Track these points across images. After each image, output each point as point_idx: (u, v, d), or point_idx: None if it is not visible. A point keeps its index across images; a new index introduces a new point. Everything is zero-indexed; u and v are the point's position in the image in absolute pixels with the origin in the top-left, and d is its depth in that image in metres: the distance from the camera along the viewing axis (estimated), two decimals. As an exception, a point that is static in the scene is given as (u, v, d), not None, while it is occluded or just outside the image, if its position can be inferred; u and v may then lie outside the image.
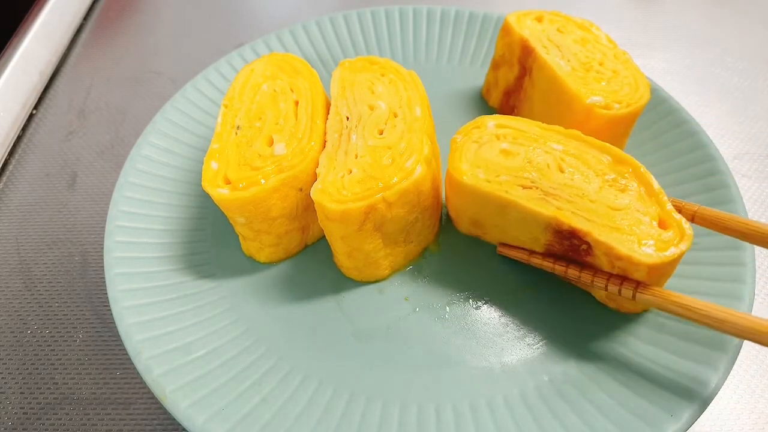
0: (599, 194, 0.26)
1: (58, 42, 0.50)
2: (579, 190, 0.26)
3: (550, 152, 0.28)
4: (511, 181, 0.27)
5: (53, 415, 0.29)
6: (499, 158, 0.28)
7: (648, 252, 0.24)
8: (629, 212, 0.25)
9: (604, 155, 0.27)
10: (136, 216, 0.32)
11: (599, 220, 0.25)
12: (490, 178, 0.27)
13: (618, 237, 0.24)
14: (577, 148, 0.28)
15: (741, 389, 0.30)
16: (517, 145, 0.28)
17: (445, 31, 0.44)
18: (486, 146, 0.28)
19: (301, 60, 0.34)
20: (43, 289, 0.34)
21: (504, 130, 0.29)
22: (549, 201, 0.26)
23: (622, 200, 0.26)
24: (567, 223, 0.25)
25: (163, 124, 0.36)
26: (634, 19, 0.54)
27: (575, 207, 0.26)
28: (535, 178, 0.27)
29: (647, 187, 0.26)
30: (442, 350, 0.28)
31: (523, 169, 0.27)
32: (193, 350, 0.27)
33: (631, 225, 0.25)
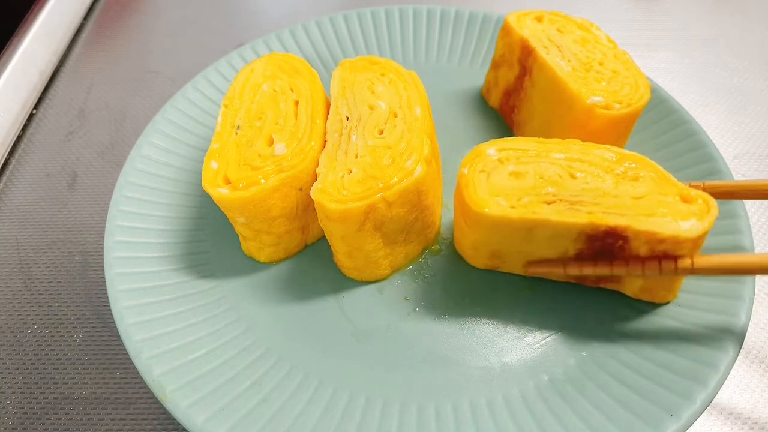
0: (618, 188, 0.26)
1: (58, 42, 0.50)
2: (598, 190, 0.26)
3: (556, 163, 0.27)
4: (534, 200, 0.26)
5: (53, 414, 0.29)
6: (512, 181, 0.27)
7: (688, 226, 0.24)
8: (652, 197, 0.25)
9: (606, 152, 0.28)
10: (136, 216, 0.32)
11: (631, 211, 0.25)
12: (514, 204, 0.26)
13: (656, 221, 0.24)
14: (579, 153, 0.28)
15: (741, 389, 0.30)
16: (522, 164, 0.27)
17: (445, 31, 0.44)
18: (494, 172, 0.27)
19: (301, 60, 0.34)
20: (43, 288, 0.34)
21: (504, 153, 0.28)
22: (577, 209, 0.25)
23: (641, 188, 0.26)
24: (604, 225, 0.25)
25: (163, 124, 0.36)
26: (634, 19, 0.54)
27: (604, 207, 0.25)
28: (554, 192, 0.26)
29: (656, 172, 0.27)
30: (442, 350, 0.28)
31: (538, 186, 0.27)
32: (193, 350, 0.27)
33: (660, 207, 0.25)
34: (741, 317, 0.27)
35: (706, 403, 0.24)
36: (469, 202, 0.27)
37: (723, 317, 0.27)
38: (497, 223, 0.26)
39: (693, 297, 0.28)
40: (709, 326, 0.27)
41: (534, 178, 0.27)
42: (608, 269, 0.26)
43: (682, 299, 0.29)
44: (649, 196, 0.26)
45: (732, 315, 0.27)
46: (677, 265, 0.25)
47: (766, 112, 0.45)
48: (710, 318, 0.27)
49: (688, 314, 0.28)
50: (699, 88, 0.47)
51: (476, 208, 0.26)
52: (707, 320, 0.27)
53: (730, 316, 0.27)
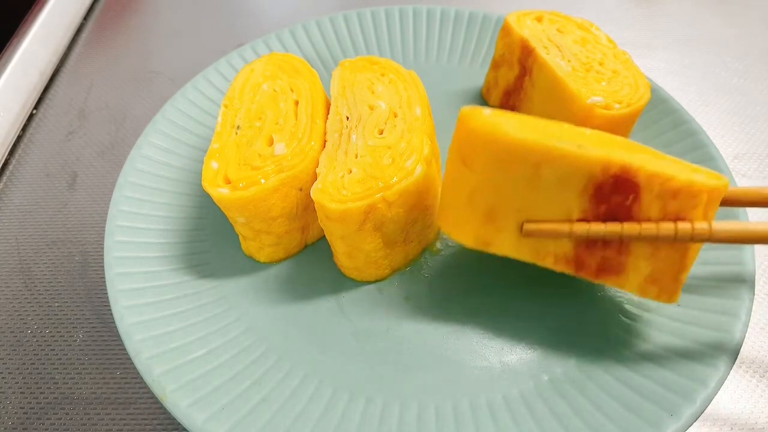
0: (628, 144, 0.25)
1: (58, 42, 0.50)
2: (607, 137, 0.25)
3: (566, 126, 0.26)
4: (546, 136, 0.23)
5: (53, 414, 0.29)
6: (521, 119, 0.25)
7: (703, 178, 0.23)
8: (676, 163, 0.24)
9: None
10: (136, 216, 0.32)
11: (642, 154, 0.23)
12: (530, 133, 0.23)
13: (669, 165, 0.23)
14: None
15: (741, 389, 0.30)
16: (528, 120, 0.25)
17: (445, 31, 0.44)
18: (504, 115, 0.25)
19: (301, 60, 0.34)
20: (43, 288, 0.34)
21: (500, 113, 0.25)
22: (588, 148, 0.23)
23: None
24: (617, 162, 0.23)
25: (163, 123, 0.36)
26: (634, 19, 0.54)
27: (615, 149, 0.23)
28: (564, 135, 0.24)
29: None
30: (441, 350, 0.28)
31: (549, 128, 0.25)
32: (193, 350, 0.27)
33: (674, 160, 0.24)
34: (741, 317, 0.27)
35: (706, 403, 0.24)
36: (475, 126, 0.24)
37: (723, 317, 0.27)
38: (507, 149, 0.23)
39: (693, 297, 0.28)
40: (710, 326, 0.27)
41: (541, 125, 0.25)
42: (618, 228, 0.23)
43: (682, 299, 0.29)
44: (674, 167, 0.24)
45: (732, 315, 0.27)
46: (694, 228, 0.22)
47: (766, 112, 0.45)
48: (710, 318, 0.27)
49: (688, 314, 0.28)
50: (699, 88, 0.47)
51: (486, 126, 0.23)
52: (707, 320, 0.27)
53: (731, 316, 0.27)
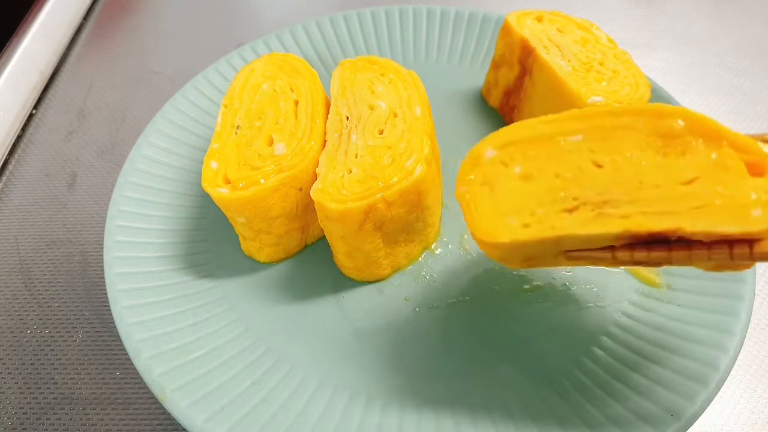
0: (660, 173, 0.19)
1: (58, 42, 0.50)
2: (634, 180, 0.19)
3: (574, 149, 0.21)
4: (551, 210, 0.20)
5: (53, 415, 0.29)
6: (522, 188, 0.21)
7: (759, 215, 0.18)
8: (708, 177, 0.19)
9: (635, 118, 0.20)
10: (135, 216, 0.32)
11: (680, 206, 0.19)
12: (527, 221, 0.20)
13: (715, 215, 0.18)
14: (601, 128, 0.21)
15: (741, 389, 0.30)
16: (531, 161, 0.21)
17: (445, 31, 0.44)
18: (499, 181, 0.21)
19: (301, 60, 0.34)
20: (43, 288, 0.34)
21: (508, 150, 0.22)
22: (608, 212, 0.19)
23: (690, 166, 0.19)
24: (645, 230, 0.19)
25: (163, 124, 0.36)
26: (634, 19, 0.54)
27: (643, 205, 0.19)
28: (576, 193, 0.20)
29: (708, 133, 0.19)
30: (441, 350, 0.28)
31: (555, 188, 0.20)
32: (193, 350, 0.27)
33: (720, 192, 0.18)
34: (741, 317, 0.27)
35: (706, 403, 0.24)
36: (474, 232, 0.21)
37: (723, 317, 0.27)
38: (511, 247, 0.21)
39: (693, 297, 0.28)
40: (710, 326, 0.27)
41: (549, 177, 0.21)
42: (666, 254, 0.20)
43: (682, 299, 0.29)
44: (704, 177, 0.19)
45: (732, 315, 0.27)
46: (753, 250, 0.18)
47: (766, 112, 0.45)
48: (710, 318, 0.27)
49: (689, 314, 0.28)
50: (699, 88, 0.47)
51: (485, 237, 0.21)
52: (707, 320, 0.27)
53: (731, 316, 0.27)
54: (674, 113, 0.20)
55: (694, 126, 0.19)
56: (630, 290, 0.30)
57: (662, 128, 0.20)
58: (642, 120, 0.20)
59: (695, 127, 0.19)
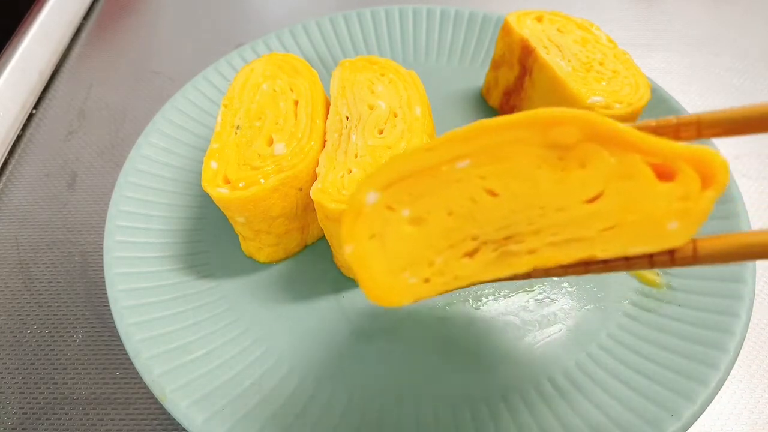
0: (562, 193, 0.17)
1: (57, 42, 0.50)
2: (535, 206, 0.17)
3: (463, 179, 0.17)
4: (451, 257, 0.17)
5: (53, 414, 0.29)
6: (414, 235, 0.18)
7: (675, 228, 0.15)
8: (614, 190, 0.16)
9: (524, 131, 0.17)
10: (135, 216, 0.32)
11: (589, 230, 0.16)
12: (426, 274, 0.18)
13: (628, 236, 0.16)
14: (488, 148, 0.17)
15: (741, 389, 0.30)
16: (420, 200, 0.18)
17: (445, 31, 0.44)
18: (388, 232, 0.18)
19: (301, 60, 0.34)
20: (43, 288, 0.34)
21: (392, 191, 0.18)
22: (512, 250, 0.17)
23: (593, 180, 0.16)
24: (555, 264, 0.17)
25: (163, 124, 0.36)
26: (634, 19, 0.54)
27: (549, 234, 0.17)
28: (473, 232, 0.17)
29: (607, 138, 0.16)
30: (441, 350, 0.28)
31: (450, 229, 0.17)
32: (193, 350, 0.27)
33: (629, 207, 0.16)
34: (741, 317, 0.27)
35: (706, 403, 0.24)
36: (370, 297, 0.18)
37: (723, 317, 0.27)
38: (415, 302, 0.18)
39: (693, 297, 0.28)
40: (710, 326, 0.27)
41: (441, 217, 0.17)
42: (583, 268, 0.18)
43: (682, 299, 0.29)
44: (609, 190, 0.16)
45: (732, 315, 0.27)
46: (674, 257, 0.16)
47: (766, 112, 0.45)
48: (710, 318, 0.27)
49: (689, 314, 0.28)
50: (699, 88, 0.47)
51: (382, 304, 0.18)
52: (707, 320, 0.27)
53: (730, 316, 0.27)
54: (564, 119, 0.16)
55: (590, 131, 0.16)
56: (630, 290, 0.30)
57: (555, 138, 0.17)
58: (531, 132, 0.17)
59: (591, 132, 0.16)
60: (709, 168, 0.16)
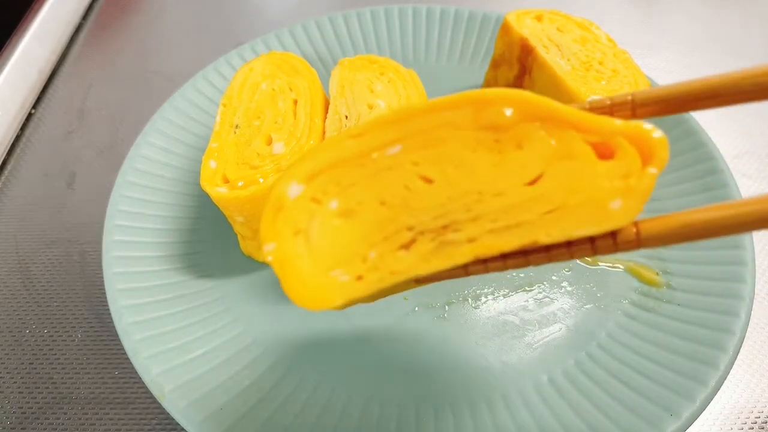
0: (500, 177, 0.16)
1: (57, 41, 0.50)
2: (472, 191, 0.16)
3: (394, 166, 0.16)
4: (386, 251, 0.16)
5: (52, 414, 0.29)
6: (344, 228, 0.16)
7: (618, 207, 0.15)
8: (554, 171, 0.15)
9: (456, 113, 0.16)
10: (134, 215, 0.32)
11: (529, 213, 0.15)
12: (359, 271, 0.16)
13: (570, 218, 0.15)
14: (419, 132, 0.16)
15: (741, 388, 0.30)
16: (349, 190, 0.16)
17: (445, 30, 0.44)
18: (315, 227, 0.16)
19: (300, 59, 0.34)
20: (42, 288, 0.34)
21: (318, 182, 0.16)
22: (450, 239, 0.16)
23: (532, 162, 0.16)
24: (497, 252, 0.16)
25: (162, 123, 0.36)
26: (634, 19, 0.54)
27: (488, 221, 0.16)
28: (408, 222, 0.16)
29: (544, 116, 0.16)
30: (441, 350, 0.28)
31: (384, 220, 0.16)
32: (192, 350, 0.27)
33: (570, 187, 0.15)
34: (741, 316, 0.27)
35: (706, 403, 0.24)
36: (297, 301, 0.16)
37: (723, 317, 0.27)
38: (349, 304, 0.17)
39: (693, 296, 0.28)
40: (710, 325, 0.27)
41: (373, 207, 0.16)
42: (523, 260, 0.16)
43: (682, 299, 0.29)
44: (549, 172, 0.15)
45: (732, 314, 0.27)
46: (617, 241, 0.15)
47: (766, 112, 0.45)
48: (710, 317, 0.27)
49: (688, 314, 0.28)
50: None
51: (310, 307, 0.16)
52: (707, 319, 0.27)
53: (730, 316, 0.27)
54: (498, 98, 0.16)
55: (525, 110, 0.16)
56: (630, 290, 0.30)
57: (490, 119, 0.16)
58: (464, 114, 0.16)
59: (527, 111, 0.16)
60: (647, 144, 0.15)
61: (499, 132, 0.16)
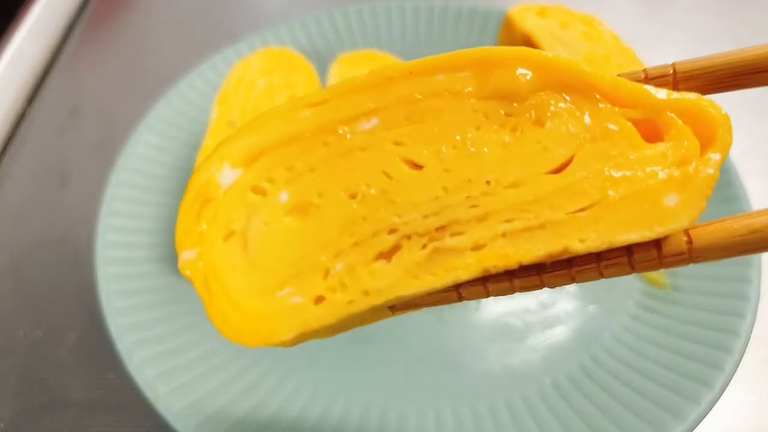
0: (514, 161, 0.12)
1: (50, 38, 0.50)
2: (478, 180, 0.12)
3: (370, 146, 0.12)
4: (358, 260, 0.12)
5: (46, 417, 0.28)
6: (298, 230, 0.12)
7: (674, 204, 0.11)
8: (587, 154, 0.11)
9: (455, 75, 0.12)
10: (128, 215, 0.31)
11: (556, 211, 0.12)
12: (318, 290, 0.12)
13: (612, 217, 0.11)
14: (405, 101, 0.12)
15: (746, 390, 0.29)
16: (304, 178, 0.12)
17: (445, 26, 0.43)
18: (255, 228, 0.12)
19: (298, 55, 0.33)
20: (34, 289, 0.34)
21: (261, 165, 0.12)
22: (449, 245, 0.12)
23: (557, 142, 0.12)
24: (514, 263, 0.12)
25: (157, 121, 0.36)
26: (638, 15, 0.54)
27: (500, 221, 0.12)
28: (391, 222, 0.12)
29: (572, 84, 0.12)
30: (441, 353, 0.28)
31: (355, 220, 0.12)
32: (187, 352, 0.26)
33: (610, 176, 0.11)
34: (746, 318, 0.26)
35: (711, 405, 0.24)
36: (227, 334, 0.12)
37: (728, 318, 0.26)
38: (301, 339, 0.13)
39: (698, 298, 0.28)
40: (715, 327, 0.26)
41: (339, 201, 0.12)
42: (536, 280, 0.12)
43: (687, 300, 0.28)
44: (581, 155, 0.11)
45: (737, 316, 0.26)
46: (663, 253, 0.12)
47: (770, 109, 0.44)
48: (715, 319, 0.27)
49: (694, 315, 0.27)
50: (703, 84, 0.47)
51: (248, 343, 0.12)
52: (712, 321, 0.27)
53: (736, 317, 0.26)
54: (511, 58, 0.12)
55: (548, 75, 0.12)
56: (634, 291, 0.29)
57: (500, 86, 0.12)
58: (466, 77, 0.12)
59: (550, 77, 0.12)
60: (706, 122, 0.11)
61: (511, 102, 0.12)
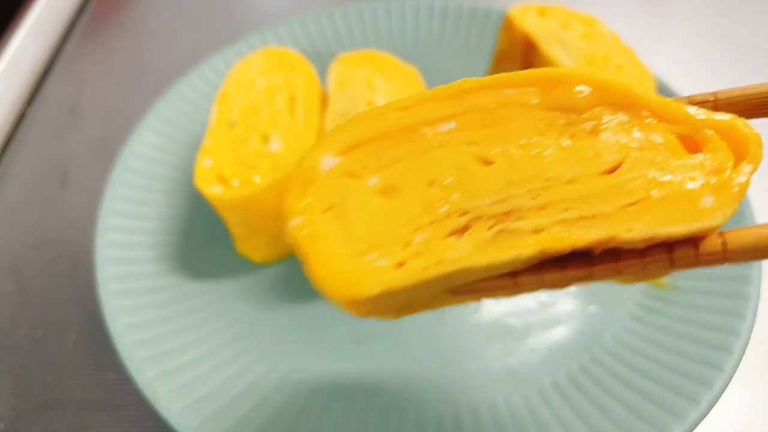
0: (572, 163, 0.14)
1: (50, 38, 0.50)
2: (539, 177, 0.14)
3: (448, 144, 0.15)
4: (434, 236, 0.14)
5: (45, 417, 0.28)
6: (385, 208, 0.14)
7: (710, 205, 0.13)
8: (635, 161, 0.14)
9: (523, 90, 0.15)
10: (128, 215, 0.31)
11: (607, 205, 0.14)
12: (400, 256, 0.14)
13: (655, 213, 0.13)
14: (479, 109, 0.15)
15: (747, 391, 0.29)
16: (392, 166, 0.15)
17: (446, 25, 0.43)
18: (350, 204, 0.14)
19: (297, 55, 0.33)
20: (34, 289, 0.34)
21: (355, 155, 0.15)
22: (512, 228, 0.14)
23: (609, 149, 0.14)
24: (568, 246, 0.14)
25: (157, 121, 0.36)
26: (638, 15, 0.54)
27: (558, 210, 0.14)
28: (463, 205, 0.14)
29: (623, 102, 0.14)
30: (442, 353, 0.28)
31: (433, 202, 0.14)
32: (187, 352, 0.26)
33: (655, 179, 0.14)
34: (747, 318, 0.26)
35: (711, 405, 0.24)
36: (324, 286, 0.14)
37: (728, 318, 0.26)
38: (382, 298, 0.14)
39: (698, 298, 0.28)
40: (715, 327, 0.26)
41: (420, 187, 0.14)
42: (586, 271, 0.15)
43: (687, 300, 0.28)
44: (629, 161, 0.14)
45: (737, 316, 0.26)
46: (699, 252, 0.14)
47: None
48: (716, 319, 0.27)
49: (694, 315, 0.27)
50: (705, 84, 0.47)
51: (339, 295, 0.14)
52: (713, 321, 0.27)
53: (736, 317, 0.26)
54: (572, 77, 0.14)
55: (603, 93, 0.14)
56: (635, 291, 0.29)
57: (561, 100, 0.14)
58: (532, 91, 0.15)
59: (605, 95, 0.14)
60: (740, 139, 0.14)
61: (572, 113, 0.15)
